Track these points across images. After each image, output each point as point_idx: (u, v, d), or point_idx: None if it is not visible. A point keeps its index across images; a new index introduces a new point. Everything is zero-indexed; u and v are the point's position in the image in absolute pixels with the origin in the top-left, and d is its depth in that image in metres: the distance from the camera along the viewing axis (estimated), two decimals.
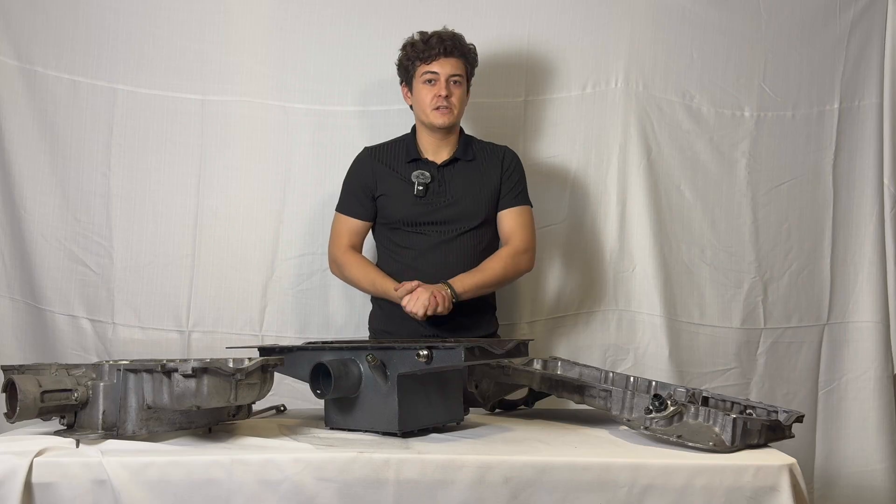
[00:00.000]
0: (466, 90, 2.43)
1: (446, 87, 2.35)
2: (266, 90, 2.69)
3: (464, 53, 2.39)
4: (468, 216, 2.39)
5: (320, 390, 1.71)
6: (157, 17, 2.67)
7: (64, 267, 2.65)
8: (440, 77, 2.35)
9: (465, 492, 1.46)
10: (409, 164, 2.41)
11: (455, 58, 2.36)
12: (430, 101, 2.35)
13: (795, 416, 1.71)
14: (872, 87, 2.76)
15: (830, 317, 2.80)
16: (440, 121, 2.36)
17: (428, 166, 2.40)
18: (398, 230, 2.41)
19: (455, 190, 2.39)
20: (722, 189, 2.77)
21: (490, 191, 2.41)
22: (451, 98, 2.35)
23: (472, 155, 2.43)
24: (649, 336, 2.72)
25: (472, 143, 2.47)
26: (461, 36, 2.39)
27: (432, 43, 2.35)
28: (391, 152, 2.45)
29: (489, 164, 2.44)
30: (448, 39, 2.36)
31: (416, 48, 2.37)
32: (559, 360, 2.03)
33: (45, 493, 1.41)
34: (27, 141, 2.63)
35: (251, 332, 2.67)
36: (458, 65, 2.37)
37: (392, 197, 2.40)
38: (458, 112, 2.39)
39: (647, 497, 1.47)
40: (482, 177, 2.42)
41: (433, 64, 2.35)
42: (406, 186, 2.38)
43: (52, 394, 1.54)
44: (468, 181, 2.40)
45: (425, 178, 2.37)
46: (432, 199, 2.38)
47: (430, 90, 2.36)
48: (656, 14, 2.73)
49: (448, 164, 2.41)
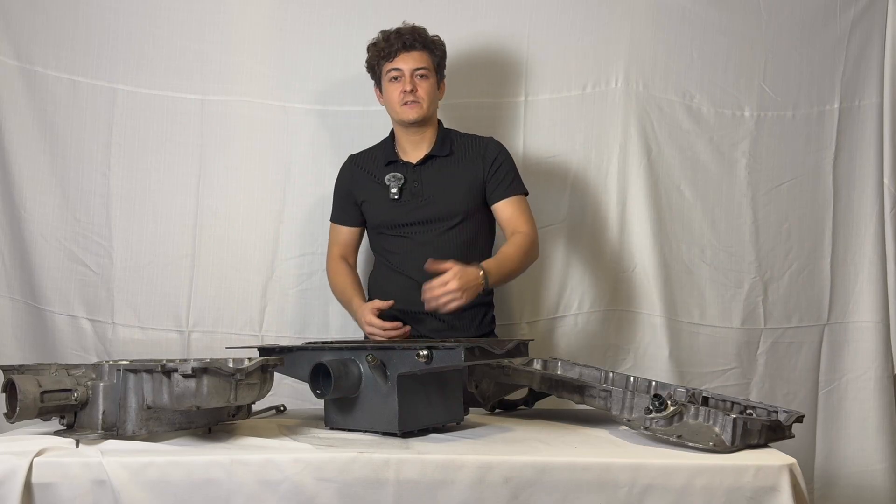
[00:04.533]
0: (437, 83, 2.41)
1: (411, 81, 2.33)
2: (266, 90, 2.69)
3: (426, 46, 2.36)
4: (447, 215, 2.36)
5: (320, 390, 1.71)
6: (157, 17, 2.67)
7: (64, 267, 2.65)
8: (404, 72, 2.33)
9: (465, 492, 1.46)
10: (386, 167, 2.41)
11: (417, 51, 2.34)
12: (397, 97, 2.35)
13: (795, 417, 1.71)
14: (872, 87, 2.76)
15: (830, 317, 2.80)
16: (409, 115, 2.34)
17: (403, 167, 2.39)
18: (382, 234, 2.42)
19: (431, 189, 2.37)
20: (722, 189, 2.77)
21: (470, 185, 2.38)
22: (417, 91, 2.33)
23: (448, 150, 2.40)
24: (649, 336, 2.72)
25: (451, 136, 2.44)
26: (422, 29, 2.37)
27: (392, 39, 2.35)
28: (371, 157, 2.46)
29: (469, 158, 2.40)
30: (407, 34, 2.35)
31: (377, 47, 2.37)
32: (559, 360, 2.03)
33: (45, 493, 1.41)
34: (27, 141, 2.63)
35: (251, 332, 2.67)
36: (421, 58, 2.35)
37: (371, 202, 2.41)
38: (428, 105, 2.36)
39: (647, 497, 1.47)
40: (461, 171, 2.38)
41: (396, 60, 2.34)
42: (382, 190, 2.38)
43: (51, 394, 1.54)
44: (445, 178, 2.38)
45: (398, 179, 2.37)
46: (408, 201, 2.37)
47: (397, 86, 2.35)
48: (656, 14, 2.73)
49: (423, 163, 2.39)
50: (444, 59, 2.43)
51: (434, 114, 2.42)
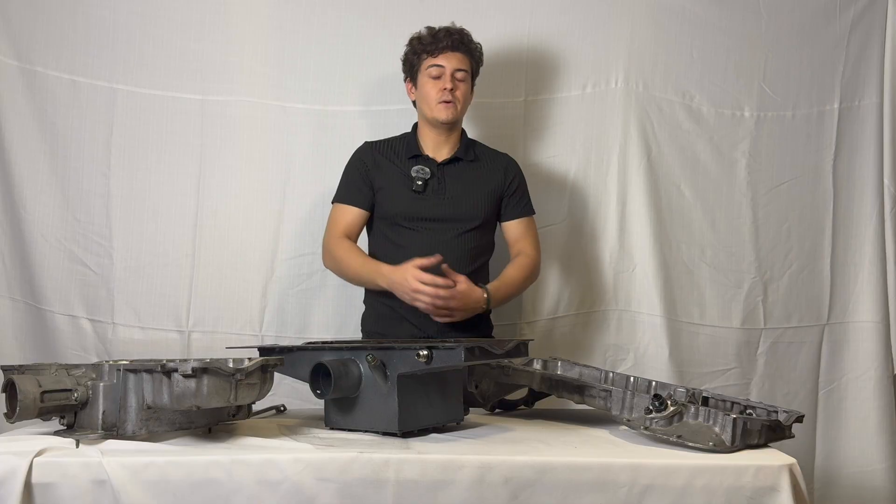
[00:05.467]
0: (471, 88, 2.43)
1: (451, 81, 2.34)
2: (266, 90, 2.69)
3: (470, 50, 2.39)
4: (466, 217, 2.37)
5: (320, 390, 1.71)
6: (157, 17, 2.67)
7: (64, 267, 2.65)
8: (446, 70, 2.35)
9: (465, 492, 1.46)
10: (410, 160, 2.40)
11: (461, 53, 2.37)
12: (435, 94, 2.35)
13: (795, 416, 1.71)
14: (872, 87, 2.76)
15: (830, 317, 2.80)
16: (444, 115, 2.35)
17: (428, 163, 2.39)
18: (395, 226, 2.38)
19: (454, 189, 2.38)
20: (722, 189, 2.77)
21: (490, 196, 2.40)
22: (455, 92, 2.35)
23: (473, 156, 2.43)
24: (649, 336, 2.72)
25: (475, 145, 2.47)
26: (469, 33, 2.39)
27: (440, 36, 2.36)
28: (392, 147, 2.44)
29: (491, 169, 2.43)
30: (456, 34, 2.37)
31: (423, 41, 2.38)
32: (559, 360, 2.03)
33: (45, 493, 1.41)
34: (27, 141, 2.63)
35: (251, 332, 2.67)
36: (463, 60, 2.37)
37: (390, 190, 2.38)
38: (462, 108, 2.38)
39: (647, 497, 1.47)
40: (483, 180, 2.41)
41: (440, 57, 2.35)
42: (405, 181, 2.37)
43: (51, 394, 1.54)
44: (468, 182, 2.40)
45: (425, 173, 2.36)
46: (431, 196, 2.36)
47: (436, 84, 2.35)
48: (656, 14, 2.74)
49: (449, 163, 2.40)
50: (480, 66, 2.45)
51: (462, 118, 2.43)
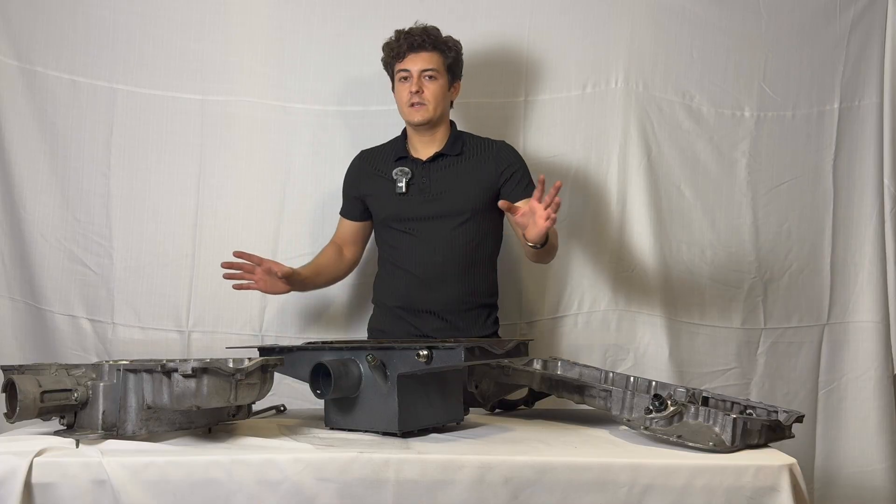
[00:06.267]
0: (450, 84, 2.40)
1: (418, 83, 2.33)
2: (266, 90, 2.69)
3: (436, 46, 2.35)
4: (454, 212, 2.36)
5: (320, 390, 1.71)
6: (157, 17, 2.67)
7: (64, 267, 2.65)
8: (412, 73, 2.33)
9: (465, 492, 1.46)
10: (395, 163, 2.41)
11: (427, 52, 2.34)
12: (405, 98, 2.35)
13: (795, 416, 1.71)
14: (872, 87, 2.76)
15: (830, 317, 2.80)
16: (415, 117, 2.35)
17: (412, 163, 2.40)
18: (388, 229, 2.41)
19: (440, 185, 2.37)
20: (722, 189, 2.77)
21: (481, 185, 2.38)
22: (423, 93, 2.33)
23: (459, 149, 2.41)
24: (649, 336, 2.72)
25: (463, 138, 2.44)
26: (434, 29, 2.37)
27: (402, 39, 2.35)
28: (381, 154, 2.47)
29: (479, 158, 2.41)
30: (416, 34, 2.34)
31: (391, 46, 2.38)
32: (559, 360, 2.03)
33: (45, 493, 1.41)
34: (27, 141, 2.63)
35: (251, 332, 2.67)
36: (430, 58, 2.34)
37: (376, 196, 2.41)
38: (434, 107, 2.35)
39: (647, 497, 1.47)
40: (470, 170, 2.39)
41: (405, 60, 2.35)
42: (389, 185, 2.39)
43: (51, 394, 1.54)
44: (454, 176, 2.38)
45: (405, 174, 2.37)
46: (415, 195, 2.37)
47: (405, 87, 2.35)
48: (656, 14, 2.73)
49: (433, 161, 2.39)
50: (458, 59, 2.42)
51: (444, 115, 2.42)
